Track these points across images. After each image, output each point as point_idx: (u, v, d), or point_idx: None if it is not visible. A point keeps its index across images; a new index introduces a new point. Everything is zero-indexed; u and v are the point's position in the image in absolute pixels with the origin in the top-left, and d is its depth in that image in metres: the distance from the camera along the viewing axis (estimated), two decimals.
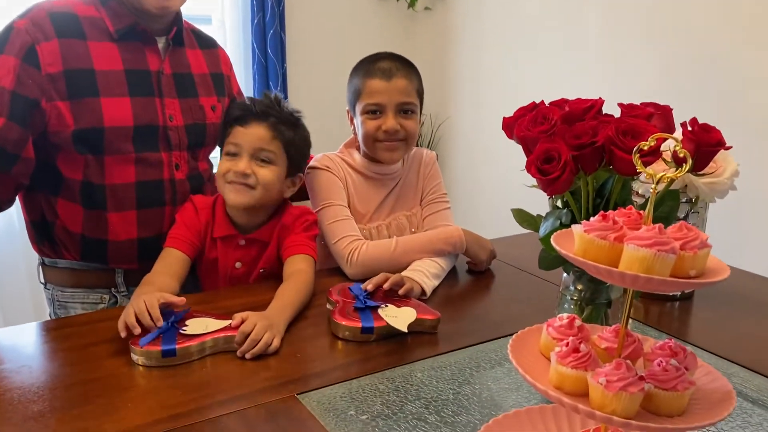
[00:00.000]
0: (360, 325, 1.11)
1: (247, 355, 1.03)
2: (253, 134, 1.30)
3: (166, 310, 1.09)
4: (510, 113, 0.95)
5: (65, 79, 1.24)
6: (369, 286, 1.22)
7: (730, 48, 2.25)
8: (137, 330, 1.02)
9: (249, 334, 1.04)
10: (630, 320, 1.20)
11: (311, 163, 1.51)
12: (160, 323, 1.04)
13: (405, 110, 1.45)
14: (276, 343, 1.06)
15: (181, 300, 1.09)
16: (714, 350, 1.13)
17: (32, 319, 2.56)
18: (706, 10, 2.28)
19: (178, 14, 1.39)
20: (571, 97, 0.97)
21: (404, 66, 1.47)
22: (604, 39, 2.63)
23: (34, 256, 2.43)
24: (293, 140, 1.35)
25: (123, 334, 1.03)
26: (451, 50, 3.39)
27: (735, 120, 2.21)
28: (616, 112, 0.92)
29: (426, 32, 3.53)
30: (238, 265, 1.36)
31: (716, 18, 2.26)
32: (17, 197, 1.35)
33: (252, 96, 1.45)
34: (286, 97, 3.00)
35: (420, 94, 1.50)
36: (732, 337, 1.20)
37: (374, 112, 1.45)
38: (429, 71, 3.25)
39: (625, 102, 0.91)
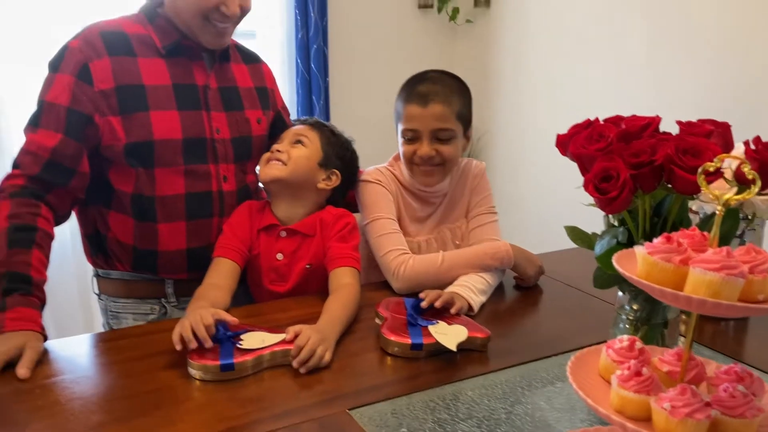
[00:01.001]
0: (409, 341, 1.11)
1: (302, 369, 1.04)
2: (296, 129, 1.45)
3: (221, 323, 1.10)
4: (552, 126, 0.94)
5: (117, 94, 1.28)
6: (424, 303, 1.22)
7: None
8: (193, 344, 1.04)
9: (303, 347, 1.05)
10: (682, 338, 1.19)
11: (363, 176, 1.52)
12: (213, 335, 1.06)
13: (441, 137, 1.44)
14: (327, 357, 1.07)
15: (234, 320, 1.10)
16: None
17: (82, 329, 2.63)
18: (756, 22, 2.23)
19: None
20: (616, 110, 0.96)
21: (445, 89, 1.45)
22: (650, 52, 2.59)
23: (84, 268, 2.51)
24: (330, 139, 1.45)
25: (178, 347, 1.05)
26: (491, 63, 3.39)
27: None
28: (667, 127, 0.90)
29: (467, 45, 3.53)
30: (279, 256, 1.38)
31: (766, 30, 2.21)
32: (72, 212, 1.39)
33: (291, 115, 1.52)
34: (328, 110, 3.05)
35: (462, 116, 1.47)
36: None
37: (411, 138, 1.46)
38: (469, 83, 3.24)
39: (674, 116, 0.90)
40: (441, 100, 1.42)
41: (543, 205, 3.04)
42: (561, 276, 1.55)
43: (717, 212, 0.63)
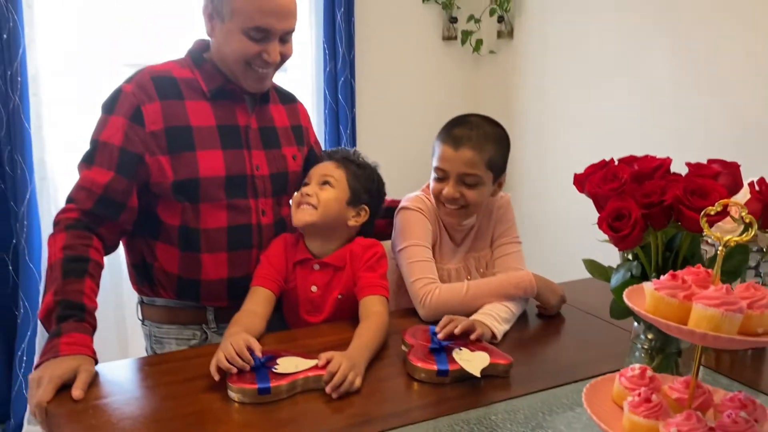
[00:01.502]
0: (435, 367, 1.17)
1: (334, 395, 1.11)
2: (321, 167, 1.49)
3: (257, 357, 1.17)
4: (574, 157, 1.01)
5: (166, 135, 1.38)
6: (440, 335, 1.27)
7: None
8: (233, 370, 1.11)
9: (335, 374, 1.12)
10: (701, 368, 1.23)
11: (404, 203, 1.58)
12: (251, 363, 1.13)
13: (467, 181, 1.49)
14: (358, 382, 1.13)
15: (258, 347, 1.16)
16: None
17: (118, 353, 2.73)
18: None
19: None
20: (638, 143, 1.02)
21: (480, 136, 1.48)
22: (673, 86, 2.63)
23: (123, 295, 2.61)
24: (356, 174, 1.49)
25: (216, 378, 1.12)
26: (514, 93, 3.46)
27: None
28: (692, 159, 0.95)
29: (490, 75, 3.60)
30: (313, 288, 1.46)
31: None
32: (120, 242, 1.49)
33: (323, 148, 1.58)
34: (354, 140, 3.14)
35: (493, 164, 1.50)
36: None
37: (440, 176, 1.52)
38: (493, 113, 3.28)
39: (695, 153, 0.96)
40: (473, 146, 1.47)
41: (566, 234, 3.07)
42: (583, 305, 1.59)
43: (718, 252, 0.69)
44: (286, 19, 1.40)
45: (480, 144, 1.47)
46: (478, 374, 1.14)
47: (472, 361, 1.18)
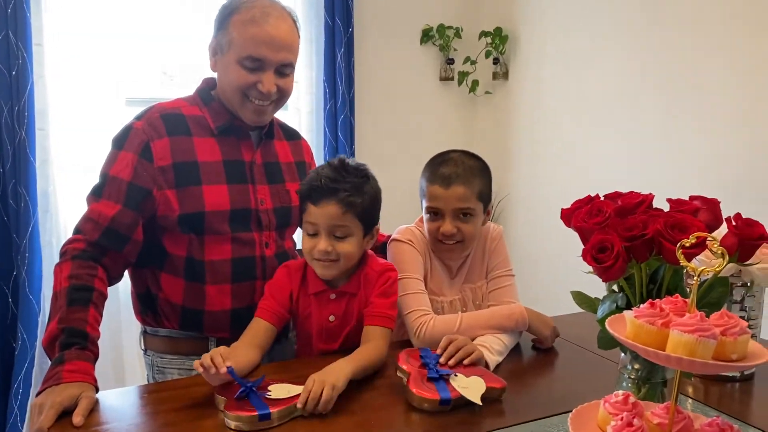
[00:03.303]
0: (438, 396, 1.19)
1: (305, 411, 1.14)
2: (325, 213, 1.38)
3: (242, 379, 1.21)
4: (566, 193, 1.05)
5: (173, 170, 1.43)
6: (445, 361, 1.31)
7: None
8: (200, 370, 1.15)
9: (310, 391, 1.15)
10: (690, 400, 1.26)
11: (394, 235, 1.62)
12: (220, 367, 1.15)
13: (463, 214, 1.55)
14: (325, 393, 1.15)
15: (228, 360, 1.18)
16: None
17: (114, 382, 2.73)
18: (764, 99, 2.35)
19: None
20: (627, 179, 1.08)
21: (466, 172, 1.54)
22: (664, 125, 2.70)
23: (121, 324, 2.63)
24: (364, 206, 1.41)
25: (199, 370, 1.16)
26: (510, 131, 3.54)
27: None
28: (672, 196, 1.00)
29: (486, 115, 3.70)
30: (331, 318, 1.47)
31: None
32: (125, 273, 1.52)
33: (318, 166, 1.52)
34: None
35: (483, 196, 1.56)
36: None
37: (435, 214, 1.57)
38: (489, 151, 3.39)
39: (682, 189, 1.00)
40: (462, 182, 1.52)
41: (559, 268, 3.11)
42: (575, 338, 1.63)
43: (693, 282, 0.74)
44: (280, 51, 1.44)
45: (468, 179, 1.54)
46: (479, 402, 1.17)
47: (470, 388, 1.21)
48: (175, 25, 2.82)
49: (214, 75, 1.54)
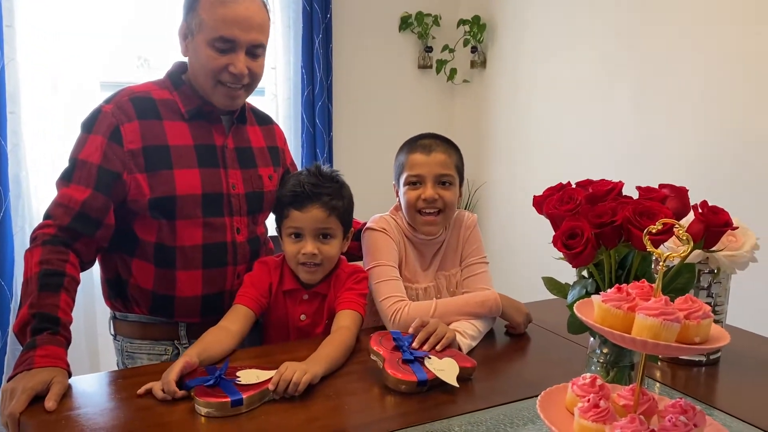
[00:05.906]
0: (416, 378, 1.21)
1: (276, 394, 1.15)
2: (311, 217, 1.45)
3: (209, 366, 1.22)
4: (543, 180, 1.07)
5: (144, 154, 1.41)
6: (417, 345, 1.33)
7: (762, 130, 2.34)
8: (177, 395, 1.16)
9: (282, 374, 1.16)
10: (657, 384, 1.29)
11: (369, 224, 1.64)
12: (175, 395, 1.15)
13: (443, 181, 1.59)
14: (306, 378, 1.17)
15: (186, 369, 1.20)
16: (738, 415, 1.19)
17: (89, 367, 2.72)
18: (737, 86, 2.39)
19: None
20: (600, 168, 1.10)
21: (444, 143, 1.62)
22: (636, 113, 2.75)
23: (95, 310, 2.61)
24: (343, 208, 1.51)
25: (140, 392, 1.18)
26: (487, 119, 3.56)
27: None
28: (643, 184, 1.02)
29: (464, 103, 3.71)
30: (302, 317, 1.50)
31: (751, 99, 2.37)
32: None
33: (299, 169, 1.59)
34: (331, 163, 3.19)
35: (459, 169, 1.63)
36: (757, 402, 1.26)
37: (415, 183, 1.59)
38: (467, 139, 3.42)
39: (652, 178, 1.02)
40: (443, 150, 1.60)
41: (536, 255, 3.15)
42: (547, 324, 1.65)
43: (659, 267, 0.75)
44: (251, 31, 1.43)
45: (447, 149, 1.61)
46: (455, 383, 1.20)
47: (445, 370, 1.23)
48: (151, 9, 2.78)
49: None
